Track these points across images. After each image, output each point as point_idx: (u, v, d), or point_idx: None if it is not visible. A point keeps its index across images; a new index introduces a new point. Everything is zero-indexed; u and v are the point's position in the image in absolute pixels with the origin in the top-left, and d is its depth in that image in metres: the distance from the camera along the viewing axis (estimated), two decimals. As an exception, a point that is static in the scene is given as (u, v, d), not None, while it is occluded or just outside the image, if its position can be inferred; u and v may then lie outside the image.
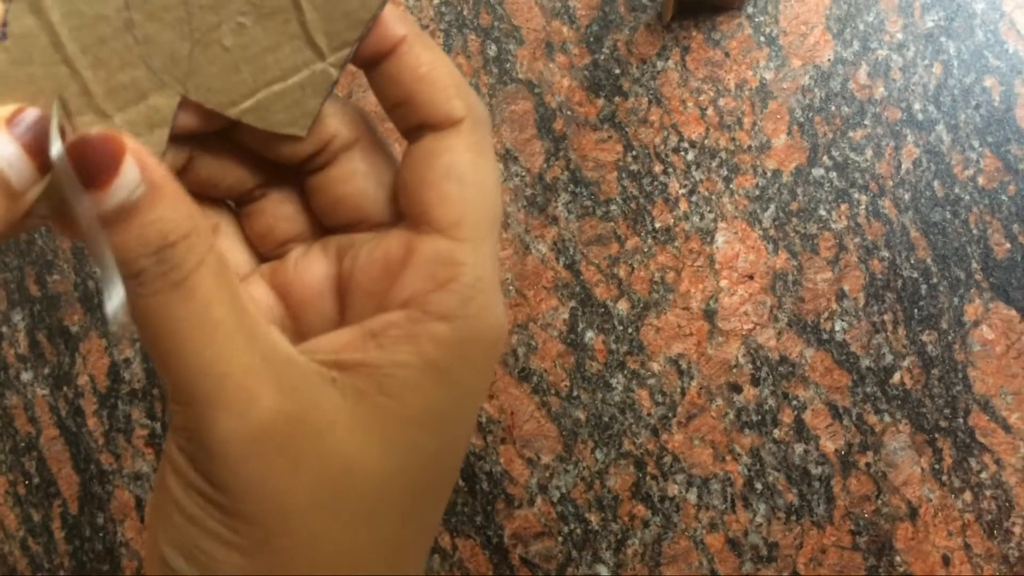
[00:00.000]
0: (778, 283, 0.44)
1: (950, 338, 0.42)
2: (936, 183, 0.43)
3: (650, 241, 0.44)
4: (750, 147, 0.44)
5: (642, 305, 0.44)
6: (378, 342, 0.21)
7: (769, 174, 0.44)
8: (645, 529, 0.43)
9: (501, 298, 0.23)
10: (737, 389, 0.43)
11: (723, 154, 0.44)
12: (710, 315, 0.44)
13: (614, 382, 0.44)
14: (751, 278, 0.44)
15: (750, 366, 0.43)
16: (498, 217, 0.23)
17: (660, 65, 0.45)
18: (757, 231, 0.44)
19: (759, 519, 0.43)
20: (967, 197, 0.43)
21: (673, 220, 0.44)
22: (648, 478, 0.43)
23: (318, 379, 0.21)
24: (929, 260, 0.43)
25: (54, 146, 0.19)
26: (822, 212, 0.44)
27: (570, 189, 0.45)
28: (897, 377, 0.43)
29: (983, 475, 0.42)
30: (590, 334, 0.44)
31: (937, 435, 0.42)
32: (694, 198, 0.44)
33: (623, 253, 0.45)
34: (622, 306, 0.44)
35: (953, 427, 0.42)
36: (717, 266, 0.44)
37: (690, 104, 0.45)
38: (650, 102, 0.45)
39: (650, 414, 0.44)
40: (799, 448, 0.43)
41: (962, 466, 0.42)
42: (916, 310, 0.43)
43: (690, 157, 0.45)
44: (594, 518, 0.43)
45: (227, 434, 0.20)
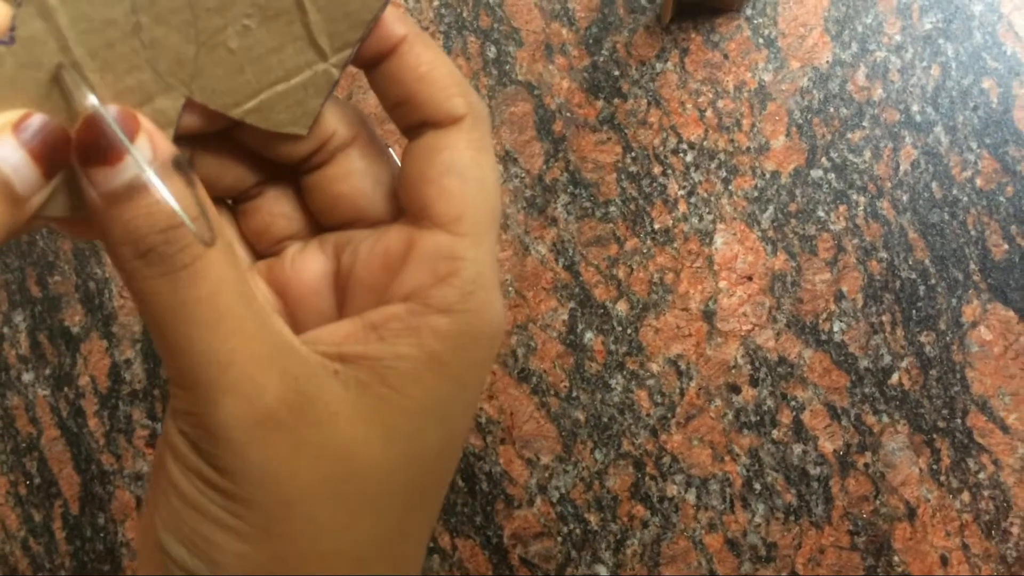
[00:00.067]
0: (777, 284, 0.44)
1: (948, 339, 0.43)
2: (934, 184, 0.43)
3: (649, 242, 0.44)
4: (749, 148, 0.44)
5: (641, 306, 0.44)
6: (379, 334, 0.21)
7: (768, 175, 0.44)
8: (644, 529, 0.43)
9: (500, 293, 0.23)
10: (736, 390, 0.43)
11: (722, 155, 0.45)
12: (709, 316, 0.44)
13: (613, 383, 0.44)
14: (750, 279, 0.44)
15: (749, 367, 0.43)
16: (498, 213, 0.23)
17: (659, 67, 0.45)
18: (756, 232, 0.44)
19: (758, 519, 0.43)
20: (965, 198, 0.43)
21: (672, 221, 0.45)
22: (647, 478, 0.43)
23: (321, 370, 0.21)
24: (927, 261, 0.43)
25: (90, 97, 0.19)
26: (820, 213, 0.44)
27: (569, 190, 0.45)
28: (895, 378, 0.43)
29: (981, 475, 0.42)
30: (589, 335, 0.44)
31: (935, 435, 0.42)
32: (693, 199, 0.45)
33: (622, 254, 0.45)
34: (621, 307, 0.44)
35: (951, 427, 0.42)
36: (716, 267, 0.44)
37: (689, 106, 0.45)
38: (649, 104, 0.45)
39: (649, 415, 0.44)
40: (798, 448, 0.43)
41: (960, 466, 0.42)
42: (914, 311, 0.43)
43: (689, 158, 0.45)
44: (593, 518, 0.43)
45: (231, 419, 0.20)
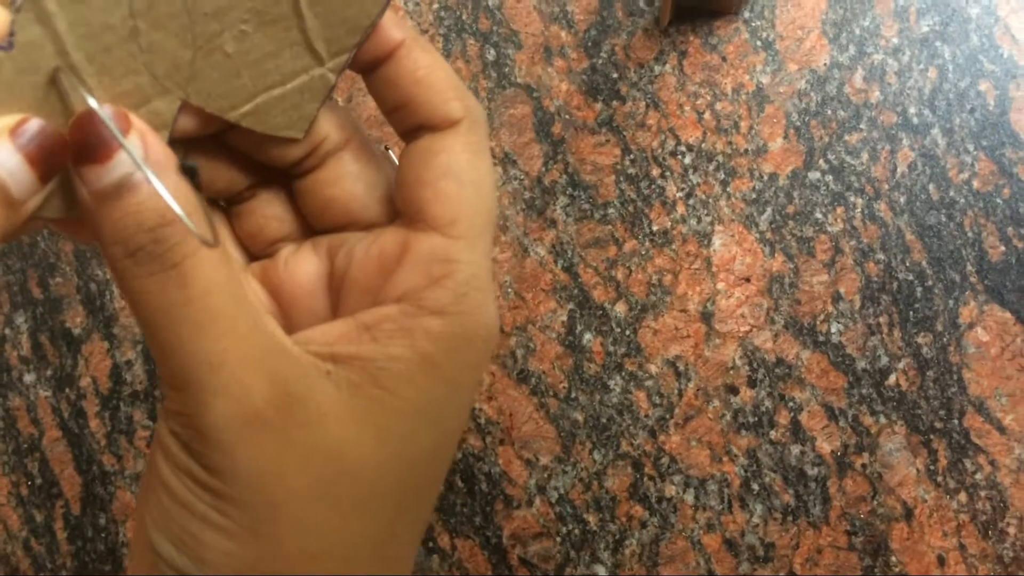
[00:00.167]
0: (775, 285, 0.44)
1: (945, 340, 0.43)
2: (931, 186, 0.44)
3: (648, 244, 0.45)
4: (747, 151, 0.45)
5: (640, 307, 0.44)
6: (372, 335, 0.21)
7: (766, 177, 0.44)
8: (643, 529, 0.43)
9: (494, 296, 0.23)
10: (734, 391, 0.44)
11: (720, 158, 0.45)
12: (707, 317, 0.44)
13: (612, 384, 0.44)
14: (748, 281, 0.44)
15: (747, 368, 0.44)
16: (493, 216, 0.23)
17: (657, 69, 0.46)
18: (754, 234, 0.44)
19: (756, 520, 0.43)
20: (962, 200, 0.43)
21: (670, 223, 0.45)
22: (646, 479, 0.44)
23: (313, 371, 0.21)
24: (924, 263, 0.43)
25: (90, 100, 0.19)
26: (818, 215, 0.44)
27: (568, 192, 0.45)
28: (893, 379, 0.43)
29: (978, 476, 0.42)
30: (588, 336, 0.45)
31: (932, 436, 0.42)
32: (691, 201, 0.45)
33: (621, 256, 0.45)
34: (620, 308, 0.45)
35: (948, 428, 0.42)
36: (714, 269, 0.44)
37: (687, 108, 0.45)
38: (648, 106, 0.45)
39: (648, 415, 0.44)
40: (795, 449, 0.43)
41: (957, 467, 0.42)
42: (911, 312, 0.43)
43: (687, 161, 0.45)
44: (592, 519, 0.44)
45: (221, 420, 0.20)
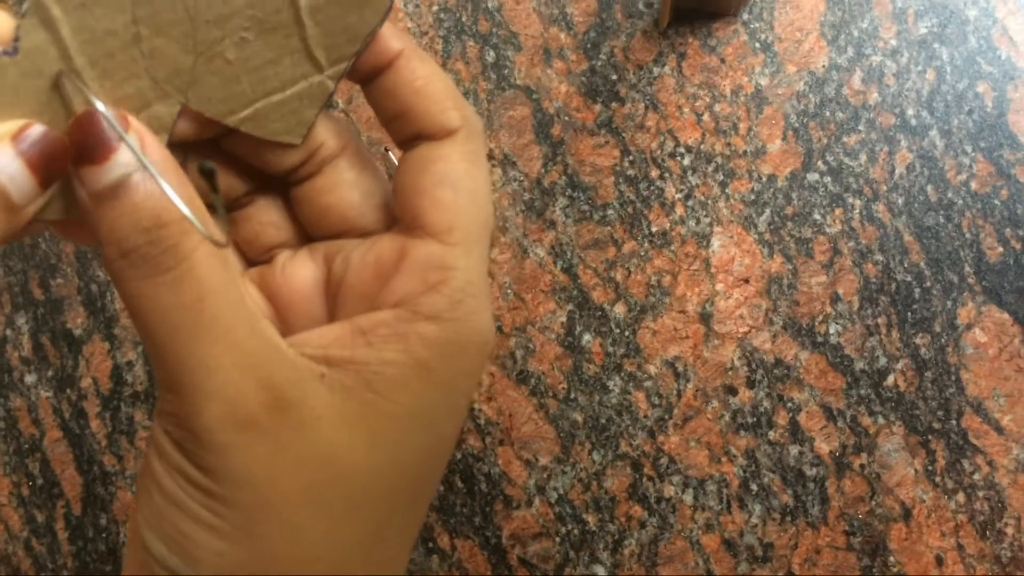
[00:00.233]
0: (773, 287, 0.44)
1: (943, 341, 0.43)
2: (929, 188, 0.44)
3: (647, 245, 0.45)
4: (745, 152, 0.45)
5: (639, 308, 0.45)
6: (367, 339, 0.22)
7: (764, 179, 0.45)
8: (642, 530, 0.43)
9: (490, 303, 0.23)
10: (733, 391, 0.44)
11: (719, 159, 0.45)
12: (706, 318, 0.44)
13: (611, 384, 0.44)
14: (746, 282, 0.44)
15: (745, 369, 0.44)
16: (489, 224, 0.23)
17: (656, 71, 0.46)
18: (752, 235, 0.44)
19: (754, 520, 0.43)
20: (960, 202, 0.43)
21: (669, 224, 0.45)
22: (645, 479, 0.44)
23: (307, 374, 0.21)
24: (922, 264, 0.43)
25: (92, 98, 0.20)
26: (817, 216, 0.44)
27: (568, 193, 0.46)
28: (891, 379, 0.43)
29: (976, 476, 0.42)
30: (587, 337, 0.45)
31: (930, 437, 0.42)
32: (690, 202, 0.45)
33: (620, 257, 0.45)
34: (619, 309, 0.45)
35: (946, 429, 0.42)
36: (713, 270, 0.44)
37: (686, 109, 0.45)
38: (647, 107, 0.46)
39: (647, 416, 0.44)
40: (794, 450, 0.43)
41: (955, 467, 0.42)
42: (910, 313, 0.43)
43: (686, 162, 0.45)
44: (591, 519, 0.44)
45: (214, 422, 0.20)
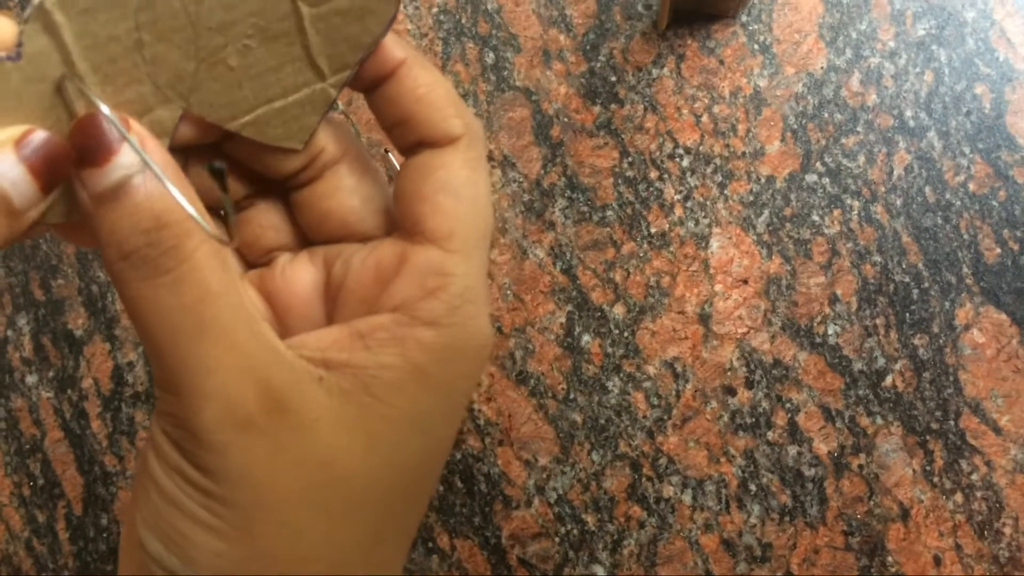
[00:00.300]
0: (772, 287, 0.44)
1: (941, 342, 0.43)
2: (927, 189, 0.44)
3: (646, 246, 0.45)
4: (744, 153, 0.45)
5: (638, 309, 0.45)
6: (365, 343, 0.22)
7: (763, 180, 0.45)
8: (641, 530, 0.44)
9: (488, 310, 0.24)
10: (731, 392, 0.44)
11: (717, 160, 0.45)
12: (705, 319, 0.44)
13: (610, 385, 0.45)
14: (745, 282, 0.44)
15: (744, 369, 0.44)
16: (489, 231, 0.24)
17: (655, 73, 0.46)
18: (751, 236, 0.44)
19: (753, 520, 0.43)
20: (958, 203, 0.44)
21: (668, 225, 0.45)
22: (644, 479, 0.44)
23: (306, 377, 0.21)
24: (921, 265, 0.43)
25: (96, 100, 0.20)
26: (815, 217, 0.44)
27: (567, 195, 0.46)
28: (889, 380, 0.43)
29: (974, 476, 0.42)
30: (587, 338, 0.45)
31: (928, 437, 0.43)
32: (689, 204, 0.45)
33: (619, 258, 0.45)
34: (618, 310, 0.45)
35: (944, 429, 0.43)
36: (712, 271, 0.44)
37: (685, 111, 0.45)
38: (646, 109, 0.46)
39: (646, 416, 0.44)
40: (792, 450, 0.43)
41: (953, 468, 0.42)
42: (908, 314, 0.43)
43: (685, 163, 0.45)
44: (590, 519, 0.44)
45: (213, 423, 0.20)
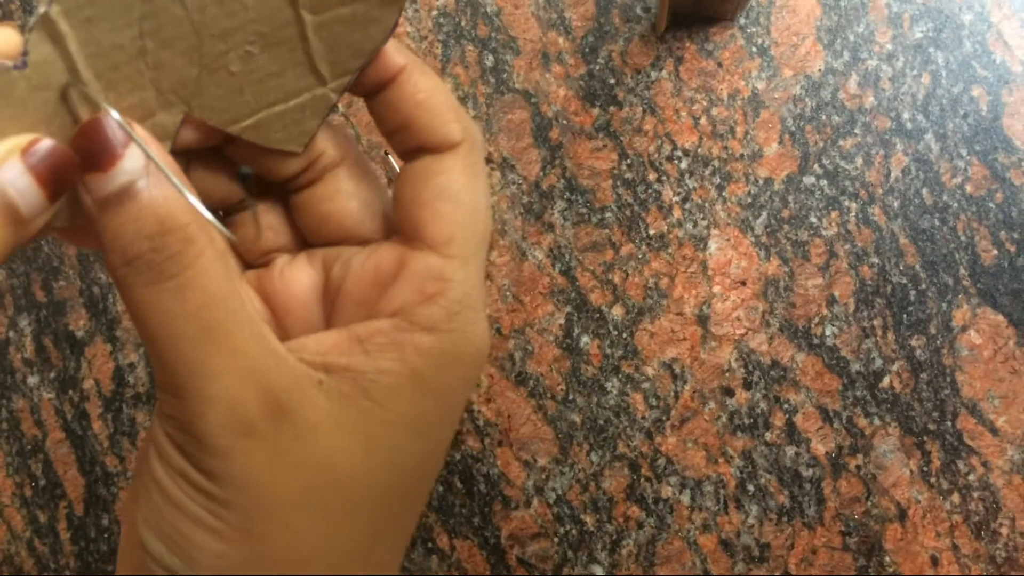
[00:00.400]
0: (770, 289, 0.44)
1: (938, 343, 0.43)
2: (925, 191, 0.44)
3: (644, 248, 0.45)
4: (742, 155, 0.45)
5: (636, 310, 0.45)
6: (364, 347, 0.22)
7: (761, 182, 0.45)
8: (639, 530, 0.44)
9: (486, 315, 0.24)
10: (729, 393, 0.44)
11: (716, 162, 0.45)
12: (703, 320, 0.44)
13: (609, 386, 0.45)
14: (743, 284, 0.45)
15: (742, 370, 0.44)
16: (487, 237, 0.24)
17: (654, 75, 0.46)
18: (749, 238, 0.45)
19: (751, 520, 0.43)
20: (955, 204, 0.44)
21: (667, 227, 0.45)
22: (642, 480, 0.44)
23: (306, 381, 0.22)
24: (918, 266, 0.44)
25: (103, 103, 0.20)
26: (813, 219, 0.44)
27: (566, 197, 0.46)
28: (886, 381, 0.43)
29: (971, 477, 0.42)
30: (585, 339, 0.45)
31: (926, 438, 0.43)
32: (687, 205, 0.45)
33: (618, 259, 0.45)
34: (617, 311, 0.45)
35: (941, 430, 0.43)
36: (710, 272, 0.45)
37: (683, 113, 0.46)
38: (644, 111, 0.46)
39: (644, 417, 0.44)
40: (790, 451, 0.43)
41: (950, 468, 0.43)
42: (905, 315, 0.44)
43: (683, 165, 0.45)
44: (589, 519, 0.44)
45: (215, 427, 0.21)
